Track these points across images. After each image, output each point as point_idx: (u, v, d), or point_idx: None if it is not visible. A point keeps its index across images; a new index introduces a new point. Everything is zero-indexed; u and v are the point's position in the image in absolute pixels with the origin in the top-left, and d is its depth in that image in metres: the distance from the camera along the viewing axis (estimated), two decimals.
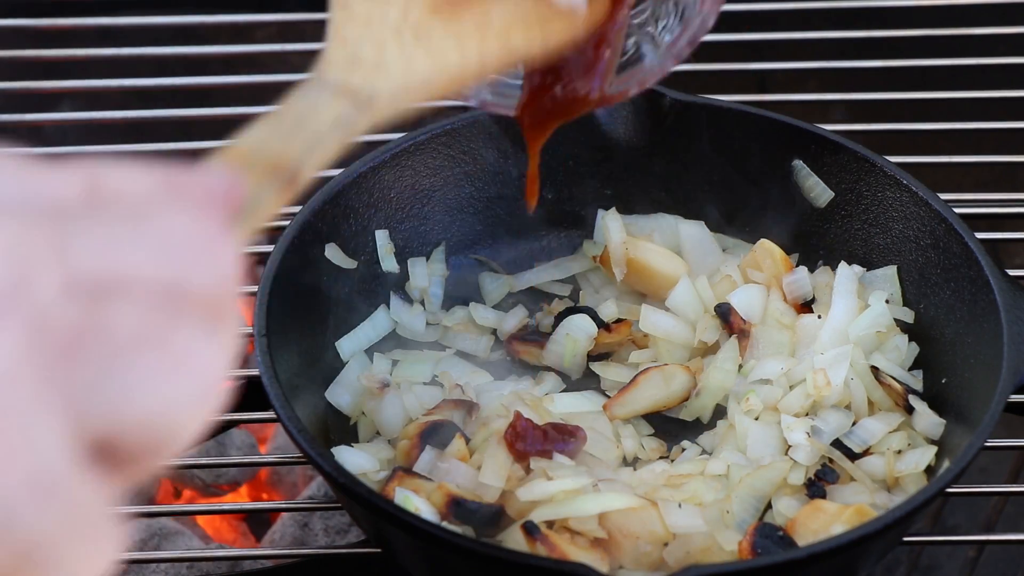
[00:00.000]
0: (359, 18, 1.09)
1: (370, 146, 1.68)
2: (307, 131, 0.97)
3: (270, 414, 1.69)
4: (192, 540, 1.96)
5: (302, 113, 0.99)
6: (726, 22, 2.09)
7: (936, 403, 1.55)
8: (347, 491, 1.35)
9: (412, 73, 1.08)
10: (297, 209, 1.59)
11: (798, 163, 1.68)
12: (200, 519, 2.02)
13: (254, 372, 1.78)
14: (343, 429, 1.58)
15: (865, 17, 2.12)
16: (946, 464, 1.46)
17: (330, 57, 1.06)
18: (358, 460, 1.50)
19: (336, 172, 1.63)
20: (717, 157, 1.71)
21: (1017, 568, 2.13)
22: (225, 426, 1.89)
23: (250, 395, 1.74)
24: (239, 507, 1.95)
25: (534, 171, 1.40)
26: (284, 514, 2.00)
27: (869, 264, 1.65)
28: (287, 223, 1.57)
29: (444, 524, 1.41)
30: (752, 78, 2.08)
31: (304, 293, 1.56)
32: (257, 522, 2.06)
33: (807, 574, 1.32)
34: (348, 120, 1.01)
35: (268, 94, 2.08)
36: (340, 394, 1.59)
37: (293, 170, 0.93)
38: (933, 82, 2.01)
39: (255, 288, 1.51)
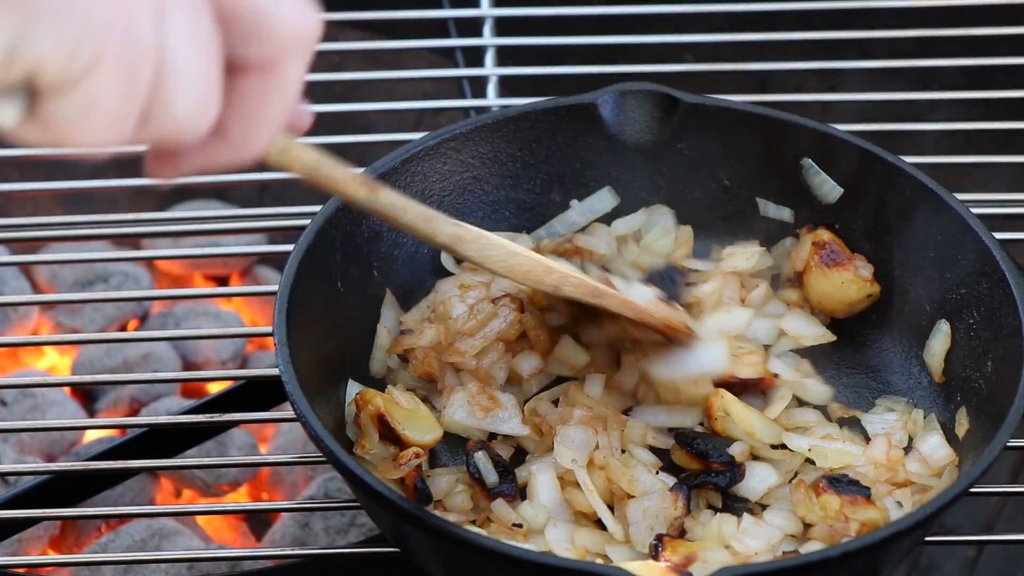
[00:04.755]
0: None
1: (382, 151, 1.67)
2: None
3: (270, 414, 1.69)
4: (192, 540, 1.95)
5: None
6: (726, 22, 2.11)
7: (956, 401, 1.56)
8: (374, 496, 1.34)
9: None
10: (314, 211, 1.57)
11: (807, 161, 1.69)
12: (200, 519, 2.01)
13: (254, 372, 1.78)
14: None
15: (865, 17, 2.12)
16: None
17: None
18: None
19: None
20: (725, 157, 1.71)
21: (1017, 568, 2.14)
22: (225, 426, 1.88)
23: (251, 395, 1.74)
24: (239, 507, 1.94)
25: None
26: (284, 514, 1.99)
27: (880, 260, 1.65)
28: (305, 223, 1.56)
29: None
30: (752, 78, 2.08)
31: (320, 299, 1.54)
32: (257, 522, 2.05)
33: (838, 572, 1.32)
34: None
35: None
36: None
37: None
38: (933, 82, 2.02)
39: (274, 288, 1.50)
